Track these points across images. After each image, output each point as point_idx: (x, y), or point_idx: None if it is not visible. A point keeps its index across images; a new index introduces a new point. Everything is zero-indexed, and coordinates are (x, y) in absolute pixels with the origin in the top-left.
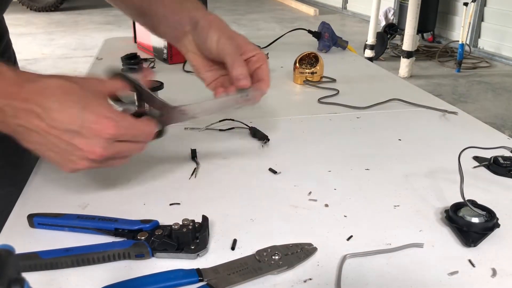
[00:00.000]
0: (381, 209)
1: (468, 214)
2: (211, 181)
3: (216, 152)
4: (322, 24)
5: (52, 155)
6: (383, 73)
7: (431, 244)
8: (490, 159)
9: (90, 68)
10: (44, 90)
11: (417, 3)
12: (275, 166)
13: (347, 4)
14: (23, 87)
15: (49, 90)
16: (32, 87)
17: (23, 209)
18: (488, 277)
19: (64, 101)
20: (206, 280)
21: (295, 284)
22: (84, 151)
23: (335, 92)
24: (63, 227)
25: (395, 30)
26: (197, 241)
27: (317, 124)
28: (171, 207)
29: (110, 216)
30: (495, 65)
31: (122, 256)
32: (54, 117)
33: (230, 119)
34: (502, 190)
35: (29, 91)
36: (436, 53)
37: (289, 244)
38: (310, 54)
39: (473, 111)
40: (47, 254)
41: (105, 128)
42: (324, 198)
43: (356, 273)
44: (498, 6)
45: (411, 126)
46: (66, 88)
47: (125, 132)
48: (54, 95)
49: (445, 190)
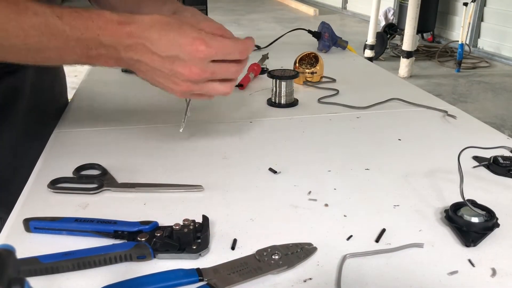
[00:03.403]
0: (381, 209)
1: (467, 214)
2: (211, 181)
3: (216, 152)
4: (322, 24)
5: (161, 80)
6: (383, 73)
7: (431, 244)
8: (490, 159)
9: (91, 67)
10: (144, 25)
11: (417, 3)
12: (275, 166)
13: (347, 4)
14: (127, 24)
15: (148, 24)
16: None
17: (22, 212)
18: (488, 277)
19: (162, 31)
20: (206, 280)
21: (295, 284)
22: (184, 73)
23: (335, 92)
24: (60, 231)
25: (395, 30)
26: (198, 241)
27: (317, 124)
28: (170, 208)
29: (110, 216)
30: (495, 65)
31: (123, 258)
32: (155, 46)
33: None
34: (501, 190)
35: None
36: (436, 53)
37: (289, 244)
38: (310, 54)
39: (473, 111)
40: (47, 258)
41: (198, 47)
42: (324, 198)
43: (356, 273)
44: (498, 6)
45: (411, 126)
46: (163, 21)
47: (217, 51)
48: (153, 27)
49: (445, 190)
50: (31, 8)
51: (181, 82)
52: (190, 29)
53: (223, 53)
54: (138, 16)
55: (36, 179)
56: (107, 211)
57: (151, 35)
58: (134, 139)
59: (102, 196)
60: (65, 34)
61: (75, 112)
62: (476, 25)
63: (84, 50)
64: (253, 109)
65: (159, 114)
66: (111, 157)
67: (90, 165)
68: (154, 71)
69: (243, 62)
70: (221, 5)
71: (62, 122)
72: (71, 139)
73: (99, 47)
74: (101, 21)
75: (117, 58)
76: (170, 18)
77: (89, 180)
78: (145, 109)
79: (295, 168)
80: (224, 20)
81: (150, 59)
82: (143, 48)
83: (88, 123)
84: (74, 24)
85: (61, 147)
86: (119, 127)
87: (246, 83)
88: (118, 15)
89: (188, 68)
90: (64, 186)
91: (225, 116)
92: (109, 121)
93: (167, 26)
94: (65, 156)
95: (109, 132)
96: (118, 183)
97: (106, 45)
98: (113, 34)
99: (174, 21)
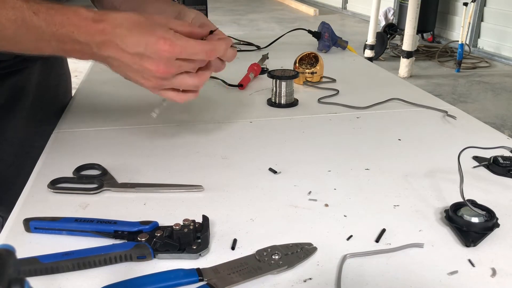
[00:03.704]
0: (381, 209)
1: (467, 214)
2: (211, 181)
3: (216, 152)
4: (322, 24)
5: (132, 76)
6: (383, 73)
7: (431, 244)
8: (490, 159)
9: (91, 67)
10: (116, 22)
11: (417, 3)
12: (275, 166)
13: (347, 4)
14: (101, 22)
15: (119, 21)
16: (107, 21)
17: (22, 212)
18: (488, 277)
19: (131, 29)
20: (206, 280)
21: (295, 284)
22: (152, 69)
23: (335, 92)
24: (60, 231)
25: (395, 30)
26: (198, 241)
27: (317, 124)
28: (170, 208)
29: (110, 216)
30: (495, 65)
31: (123, 258)
32: (124, 43)
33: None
34: (501, 190)
35: (105, 24)
36: (436, 53)
37: (289, 244)
38: (310, 54)
39: (473, 111)
40: (47, 258)
41: (162, 47)
42: (324, 198)
43: (356, 273)
44: (498, 6)
45: (411, 126)
46: (133, 19)
47: (181, 50)
48: (123, 25)
49: (445, 190)
50: (9, 2)
51: (150, 77)
52: (159, 28)
53: (187, 52)
54: (112, 13)
55: (36, 179)
56: (107, 211)
57: (121, 32)
58: (134, 139)
59: (102, 196)
60: (41, 29)
61: (75, 112)
62: (476, 25)
63: (60, 45)
64: (253, 109)
65: (159, 114)
66: (111, 157)
67: (90, 165)
68: (125, 66)
69: (221, 65)
70: (221, 5)
71: (62, 122)
72: (71, 139)
73: (74, 43)
74: (76, 19)
75: (91, 54)
76: (141, 17)
77: (89, 180)
78: (145, 109)
79: (295, 168)
80: (224, 20)
81: (120, 56)
82: (113, 45)
83: (88, 123)
84: (50, 21)
85: (61, 147)
86: (119, 127)
87: (246, 83)
88: (94, 13)
89: (155, 65)
90: (64, 186)
91: (225, 116)
92: (109, 121)
93: (137, 24)
94: (65, 156)
95: (109, 132)
96: (118, 183)
97: (80, 41)
98: (87, 31)
99: (144, 20)
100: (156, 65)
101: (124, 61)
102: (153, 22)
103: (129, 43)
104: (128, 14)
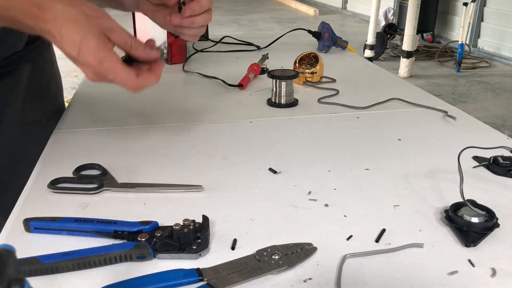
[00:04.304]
0: (381, 209)
1: (467, 214)
2: (211, 181)
3: (216, 152)
4: (322, 24)
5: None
6: (383, 73)
7: (431, 244)
8: (490, 159)
9: None
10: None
11: (417, 3)
12: (275, 166)
13: (347, 4)
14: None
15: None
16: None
17: (22, 212)
18: (488, 277)
19: (70, 29)
20: (206, 280)
21: (295, 284)
22: (82, 70)
23: (335, 92)
24: (60, 231)
25: (395, 30)
26: (198, 241)
27: (317, 124)
28: (170, 208)
29: (110, 216)
30: (495, 65)
31: (123, 258)
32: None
33: None
34: (501, 190)
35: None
36: (436, 53)
37: (289, 244)
38: (310, 54)
39: (473, 111)
40: (47, 258)
41: (91, 63)
42: (324, 198)
43: (356, 273)
44: (497, 6)
45: (411, 126)
46: (75, 17)
47: (106, 72)
48: (64, 21)
49: (445, 190)
50: None
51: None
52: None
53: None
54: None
55: (36, 179)
56: (107, 211)
57: (60, 27)
58: (134, 139)
59: (102, 196)
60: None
61: (75, 112)
62: (476, 25)
63: (9, 24)
64: (253, 109)
65: (159, 114)
66: (111, 157)
67: (90, 165)
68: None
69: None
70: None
71: (62, 122)
72: (71, 139)
73: (22, 25)
74: (23, 3)
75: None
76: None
77: (89, 180)
78: (145, 109)
79: (295, 168)
80: (224, 20)
81: (59, 48)
82: (53, 38)
83: (88, 123)
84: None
85: (61, 147)
86: (119, 127)
87: (246, 83)
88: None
89: (85, 70)
90: (64, 186)
91: (225, 116)
92: (109, 121)
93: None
94: (65, 156)
95: (109, 132)
96: (118, 183)
97: (26, 25)
98: (31, 17)
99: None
100: (86, 71)
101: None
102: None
103: (66, 43)
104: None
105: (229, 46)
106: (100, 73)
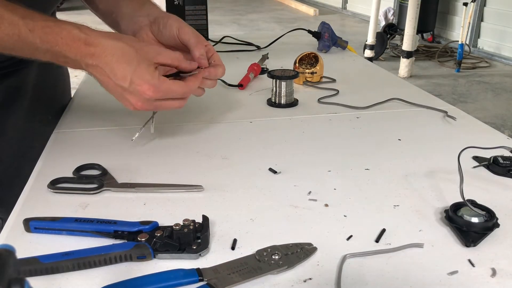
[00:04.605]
0: (380, 209)
1: (467, 214)
2: (211, 181)
3: (216, 152)
4: (322, 24)
5: (115, 96)
6: (383, 73)
7: (430, 244)
8: (490, 159)
9: None
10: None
11: (417, 3)
12: (275, 166)
13: (347, 4)
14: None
15: (110, 51)
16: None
17: (22, 212)
18: (488, 277)
19: (120, 62)
20: (206, 280)
21: (295, 284)
22: (131, 101)
23: (335, 92)
24: (60, 231)
25: (395, 30)
26: (198, 241)
27: (317, 124)
28: (170, 208)
29: (110, 216)
30: (495, 65)
31: (123, 258)
32: (112, 73)
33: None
34: (501, 190)
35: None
36: (436, 53)
37: (289, 244)
38: (310, 54)
39: (473, 111)
40: (47, 258)
41: (146, 91)
42: (324, 198)
43: (356, 273)
44: (497, 6)
45: (411, 126)
46: (124, 51)
47: (163, 95)
48: (114, 55)
49: (445, 190)
50: (7, 18)
51: (130, 105)
52: (146, 68)
53: (167, 96)
54: (104, 39)
55: (36, 179)
56: (107, 211)
57: (110, 62)
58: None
59: (102, 196)
60: (35, 45)
61: (75, 112)
62: (476, 25)
63: (53, 58)
64: (253, 109)
65: (159, 114)
66: (111, 157)
67: (90, 165)
68: (109, 89)
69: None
70: (221, 5)
71: (62, 122)
72: (71, 139)
73: (66, 59)
74: (69, 39)
75: (82, 68)
76: (132, 49)
77: (89, 180)
78: None
79: (295, 168)
80: (224, 20)
81: (105, 81)
82: (101, 70)
83: (88, 123)
84: (44, 39)
85: (61, 147)
86: (119, 127)
87: (246, 83)
88: (86, 35)
89: (134, 99)
90: (64, 186)
91: (225, 116)
92: (109, 121)
93: (126, 57)
94: (65, 156)
95: (109, 132)
96: (118, 183)
97: (71, 59)
98: (77, 52)
99: (134, 53)
100: (135, 100)
101: (108, 86)
102: (142, 57)
103: (116, 75)
104: (119, 43)
105: (229, 46)
106: (150, 100)
